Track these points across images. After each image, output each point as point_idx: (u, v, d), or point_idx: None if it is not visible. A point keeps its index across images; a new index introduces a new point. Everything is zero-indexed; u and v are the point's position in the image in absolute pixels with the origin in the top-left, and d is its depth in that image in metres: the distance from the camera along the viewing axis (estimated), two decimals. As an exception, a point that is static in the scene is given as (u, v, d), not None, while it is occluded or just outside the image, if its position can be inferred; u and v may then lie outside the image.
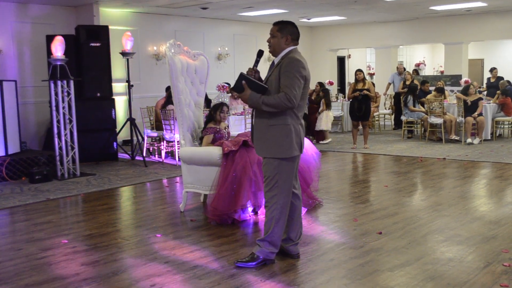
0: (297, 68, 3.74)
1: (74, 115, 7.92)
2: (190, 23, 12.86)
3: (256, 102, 3.77)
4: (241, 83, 3.80)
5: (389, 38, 15.18)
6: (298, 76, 3.73)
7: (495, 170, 7.85)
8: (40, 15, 10.14)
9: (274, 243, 3.96)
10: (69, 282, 3.77)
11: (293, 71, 3.72)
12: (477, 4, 12.00)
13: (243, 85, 3.80)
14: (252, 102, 3.79)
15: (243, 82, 3.80)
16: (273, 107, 3.73)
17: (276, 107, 3.73)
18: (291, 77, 3.71)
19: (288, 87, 3.69)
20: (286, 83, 3.71)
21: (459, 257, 4.12)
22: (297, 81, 3.72)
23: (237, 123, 9.31)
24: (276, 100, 3.71)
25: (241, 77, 3.81)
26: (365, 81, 10.23)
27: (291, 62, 3.76)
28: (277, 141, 3.82)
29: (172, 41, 5.74)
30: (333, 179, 7.53)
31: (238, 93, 3.85)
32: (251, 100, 3.79)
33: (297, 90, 3.71)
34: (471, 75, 15.21)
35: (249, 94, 3.79)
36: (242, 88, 3.81)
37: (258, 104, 3.76)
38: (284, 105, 3.71)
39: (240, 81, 3.80)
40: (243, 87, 3.80)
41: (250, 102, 3.80)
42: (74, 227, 5.26)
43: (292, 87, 3.69)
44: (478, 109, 10.47)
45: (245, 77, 3.82)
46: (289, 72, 3.72)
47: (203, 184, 5.46)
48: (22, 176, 7.78)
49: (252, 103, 3.80)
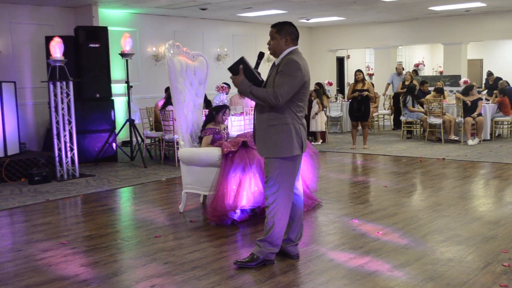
0: (293, 68, 3.75)
1: (73, 116, 7.92)
2: (190, 23, 12.86)
3: (245, 89, 3.83)
4: (238, 66, 3.85)
5: (388, 38, 15.19)
6: (291, 76, 3.74)
7: (495, 170, 7.86)
8: (39, 16, 10.14)
9: (274, 244, 3.96)
10: (69, 283, 3.77)
11: (288, 71, 3.74)
12: (476, 4, 12.01)
13: (239, 69, 3.84)
14: (242, 88, 3.86)
15: (240, 67, 3.84)
16: (258, 99, 3.79)
17: (261, 100, 3.77)
18: (283, 76, 3.74)
19: (278, 85, 3.72)
20: (278, 81, 3.74)
21: (459, 257, 4.12)
22: (288, 81, 3.72)
23: (237, 123, 9.30)
24: (263, 93, 3.75)
25: (240, 61, 3.86)
26: (365, 82, 10.24)
27: (288, 63, 3.78)
28: (277, 141, 3.82)
29: (171, 42, 5.74)
30: (333, 180, 7.53)
31: (232, 74, 3.89)
32: (241, 85, 3.84)
33: (286, 89, 3.71)
34: (470, 76, 15.22)
35: (241, 80, 3.84)
36: (237, 71, 3.85)
37: (246, 91, 3.83)
38: (269, 101, 3.73)
39: (238, 64, 3.85)
40: (239, 71, 3.84)
41: (240, 87, 3.86)
42: (73, 228, 5.26)
43: (282, 85, 3.71)
44: (477, 109, 10.48)
45: (244, 62, 3.85)
46: (284, 71, 3.75)
47: (203, 184, 5.46)
48: (22, 177, 7.77)
49: (241, 89, 3.86)
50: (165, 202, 6.32)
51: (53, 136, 7.79)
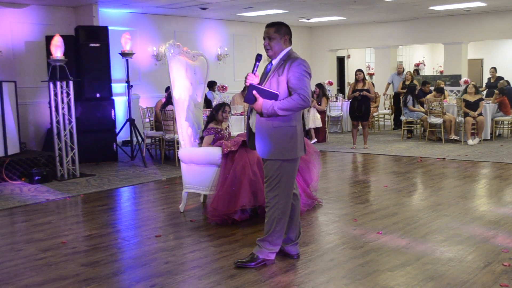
0: (305, 67, 3.76)
1: (73, 115, 7.93)
2: (190, 23, 12.86)
3: (270, 110, 3.73)
4: (252, 94, 3.77)
5: (388, 38, 15.19)
6: (306, 75, 3.75)
7: (495, 170, 7.85)
8: (40, 16, 10.14)
9: (275, 243, 3.96)
10: (69, 283, 3.77)
11: (301, 71, 3.73)
12: (477, 4, 12.01)
13: (254, 95, 3.77)
14: (267, 110, 3.74)
15: (254, 92, 3.77)
16: (289, 110, 3.72)
17: (292, 109, 3.72)
18: (300, 77, 3.72)
19: (301, 87, 3.70)
20: (299, 84, 3.71)
21: (459, 257, 4.12)
22: (307, 80, 3.74)
23: (237, 123, 9.31)
24: (291, 102, 3.70)
25: (252, 88, 3.79)
26: (365, 81, 10.23)
27: (297, 62, 3.75)
28: (282, 143, 3.80)
29: (172, 41, 5.74)
30: (333, 179, 7.53)
31: (251, 104, 3.82)
32: (265, 108, 3.73)
33: (307, 90, 3.72)
34: (470, 75, 15.21)
35: (262, 103, 3.75)
36: (254, 99, 3.77)
37: (273, 111, 3.72)
38: (299, 106, 3.70)
39: (251, 92, 3.77)
40: (255, 97, 3.76)
41: (265, 110, 3.74)
42: (73, 228, 5.26)
43: (305, 86, 3.71)
44: (478, 109, 10.48)
45: (255, 87, 3.79)
46: (297, 72, 3.73)
47: (203, 184, 5.46)
48: (22, 177, 7.77)
49: (267, 111, 3.74)
50: (166, 201, 6.32)
51: (53, 135, 7.79)
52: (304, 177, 5.58)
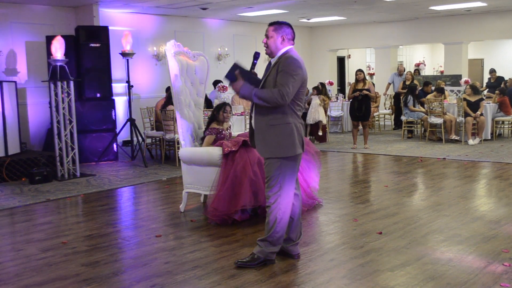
0: (293, 67, 3.75)
1: (74, 115, 7.93)
2: (190, 23, 12.86)
3: (248, 93, 3.76)
4: (234, 72, 3.80)
5: (389, 38, 15.18)
6: (294, 75, 3.73)
7: (495, 170, 7.85)
8: (40, 16, 10.14)
9: (275, 243, 3.96)
10: (69, 283, 3.77)
11: (289, 69, 3.73)
12: (477, 4, 12.01)
13: (236, 75, 3.79)
14: (244, 93, 3.77)
15: (236, 72, 3.79)
16: (265, 101, 3.72)
17: (267, 101, 3.72)
18: (286, 75, 3.72)
19: (283, 84, 3.70)
20: (282, 80, 3.72)
21: (459, 257, 4.12)
22: (292, 79, 3.72)
23: (238, 123, 9.31)
24: (269, 94, 3.71)
25: (235, 67, 3.81)
26: (365, 81, 10.23)
27: (288, 61, 3.77)
28: (279, 140, 3.81)
29: (172, 41, 5.74)
30: (333, 179, 7.53)
31: (231, 82, 3.83)
32: (243, 90, 3.77)
33: (290, 88, 3.70)
34: (471, 75, 15.21)
35: (242, 84, 3.78)
36: (235, 77, 3.79)
37: (250, 95, 3.75)
38: (276, 101, 3.70)
39: (234, 70, 3.80)
40: (236, 77, 3.79)
41: (242, 92, 3.78)
42: (74, 228, 5.26)
43: (286, 84, 3.70)
44: (479, 109, 10.47)
45: (239, 67, 3.81)
46: (285, 70, 3.74)
47: (203, 184, 5.46)
48: (22, 177, 7.78)
49: (244, 94, 3.78)
50: (166, 201, 6.32)
51: (53, 135, 7.79)
52: (304, 177, 5.58)
